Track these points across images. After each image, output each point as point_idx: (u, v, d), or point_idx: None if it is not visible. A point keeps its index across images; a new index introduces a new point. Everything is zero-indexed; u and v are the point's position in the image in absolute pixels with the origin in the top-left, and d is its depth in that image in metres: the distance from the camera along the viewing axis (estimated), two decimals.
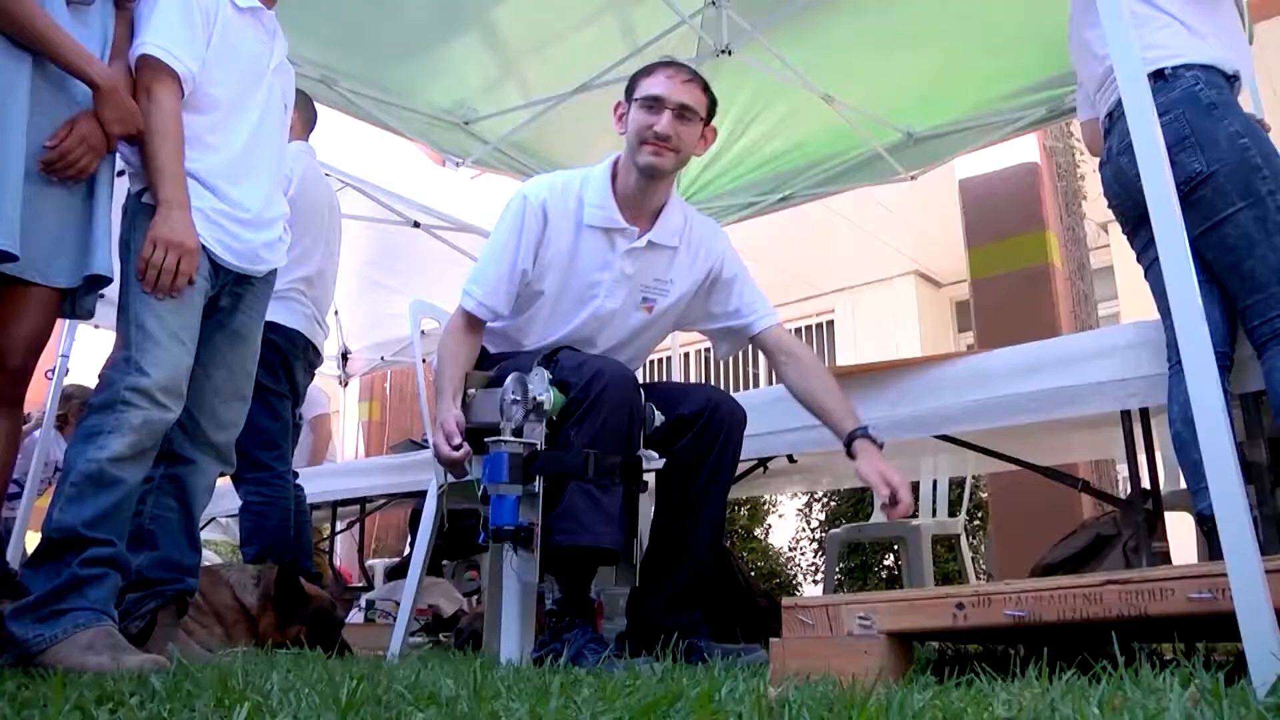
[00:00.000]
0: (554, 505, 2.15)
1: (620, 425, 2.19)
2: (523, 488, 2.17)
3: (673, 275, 2.62)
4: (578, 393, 2.19)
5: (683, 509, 2.40)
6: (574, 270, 2.55)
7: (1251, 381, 2.31)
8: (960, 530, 4.98)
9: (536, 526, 2.14)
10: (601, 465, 2.15)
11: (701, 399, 2.43)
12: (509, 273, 2.51)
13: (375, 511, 5.98)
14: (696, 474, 2.39)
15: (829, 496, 7.19)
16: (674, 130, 2.47)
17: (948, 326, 10.48)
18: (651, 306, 2.62)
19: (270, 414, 3.65)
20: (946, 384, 2.72)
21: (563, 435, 2.19)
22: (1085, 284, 6.42)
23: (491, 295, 2.51)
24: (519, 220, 2.52)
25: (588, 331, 2.58)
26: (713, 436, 2.40)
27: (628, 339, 2.65)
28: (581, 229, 2.54)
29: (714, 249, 2.69)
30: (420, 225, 5.92)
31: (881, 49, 4.40)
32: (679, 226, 2.62)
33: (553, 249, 2.52)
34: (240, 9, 2.48)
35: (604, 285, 2.55)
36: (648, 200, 2.56)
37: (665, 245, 2.59)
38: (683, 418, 2.40)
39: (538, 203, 2.52)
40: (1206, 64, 2.33)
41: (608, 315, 2.58)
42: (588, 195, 2.54)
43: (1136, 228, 2.44)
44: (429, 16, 4.09)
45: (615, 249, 2.55)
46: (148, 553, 2.37)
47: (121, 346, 2.20)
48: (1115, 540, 3.17)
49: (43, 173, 2.09)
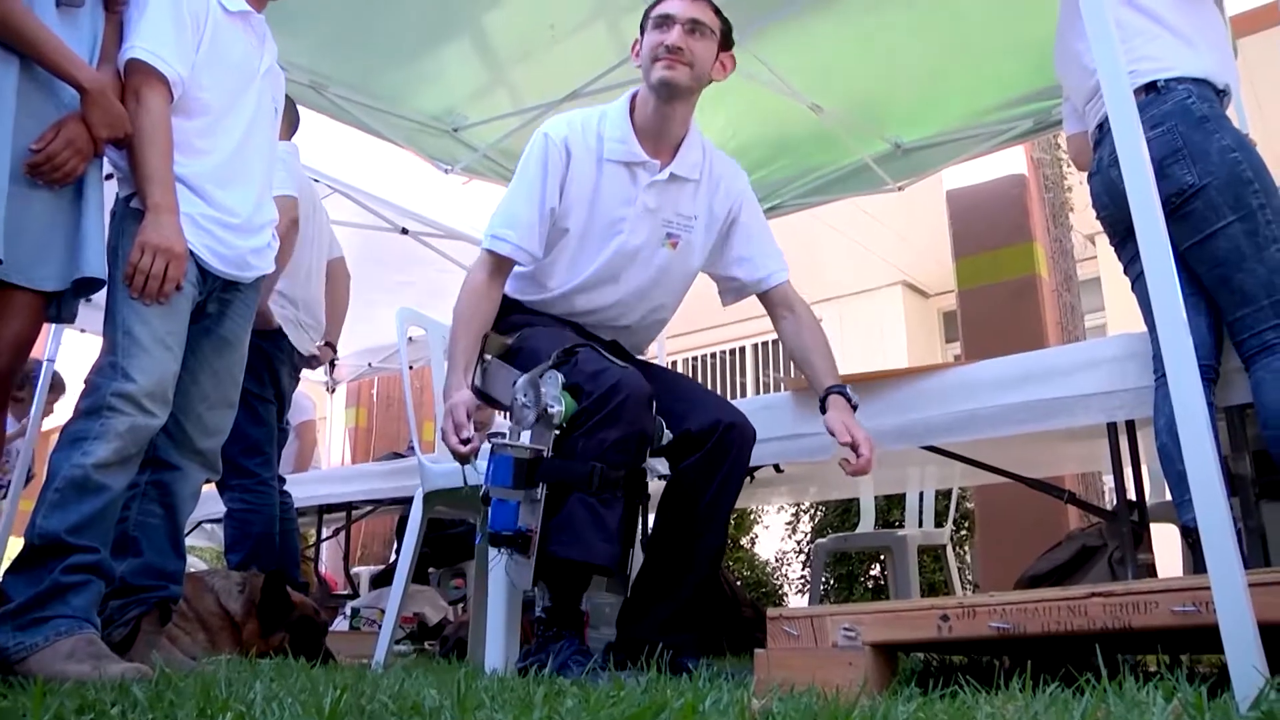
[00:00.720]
0: (554, 512, 2.13)
1: (629, 443, 2.16)
2: (525, 493, 2.14)
3: (696, 211, 2.58)
4: (591, 403, 2.15)
5: (684, 529, 2.36)
6: (597, 207, 2.50)
7: (1237, 394, 2.32)
8: (946, 541, 4.99)
9: (535, 534, 2.11)
10: (606, 478, 2.12)
11: (712, 416, 2.39)
12: (540, 212, 2.47)
13: (362, 518, 5.96)
14: (701, 494, 2.35)
15: (816, 508, 7.19)
16: (685, 43, 2.43)
17: (935, 337, 10.51)
18: (676, 242, 2.57)
19: (255, 420, 3.64)
20: (933, 395, 2.72)
21: (570, 443, 2.15)
22: (1072, 295, 6.45)
23: (527, 237, 2.47)
24: (543, 158, 2.48)
25: (613, 270, 2.53)
26: (720, 458, 2.36)
27: (655, 279, 2.59)
28: (602, 164, 2.50)
29: (735, 188, 2.66)
30: (409, 232, 5.92)
31: (870, 59, 4.41)
32: (699, 160, 2.58)
33: (576, 186, 2.49)
34: (230, 13, 2.47)
35: (628, 220, 2.51)
36: (667, 130, 2.52)
37: (687, 178, 2.55)
38: (690, 435, 2.36)
39: (560, 140, 2.48)
40: (1198, 77, 2.34)
41: (632, 252, 2.53)
42: (607, 130, 2.51)
43: (1125, 240, 2.46)
44: (419, 23, 4.08)
45: (637, 183, 2.51)
46: (131, 559, 2.35)
47: (108, 352, 2.18)
48: (1101, 552, 3.18)
49: (28, 176, 2.08)
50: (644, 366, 2.57)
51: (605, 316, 2.60)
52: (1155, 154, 2.27)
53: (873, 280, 10.20)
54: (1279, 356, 2.15)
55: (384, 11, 3.99)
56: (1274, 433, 2.13)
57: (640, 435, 2.19)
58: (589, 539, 2.10)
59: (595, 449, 2.12)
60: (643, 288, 2.59)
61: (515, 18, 4.09)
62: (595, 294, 2.56)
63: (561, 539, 2.10)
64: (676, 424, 2.35)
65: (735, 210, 2.65)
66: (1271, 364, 2.16)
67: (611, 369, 2.21)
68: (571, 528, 2.10)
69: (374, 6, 3.95)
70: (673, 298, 2.70)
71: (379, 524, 7.93)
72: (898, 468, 3.95)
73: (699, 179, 2.58)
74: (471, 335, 2.40)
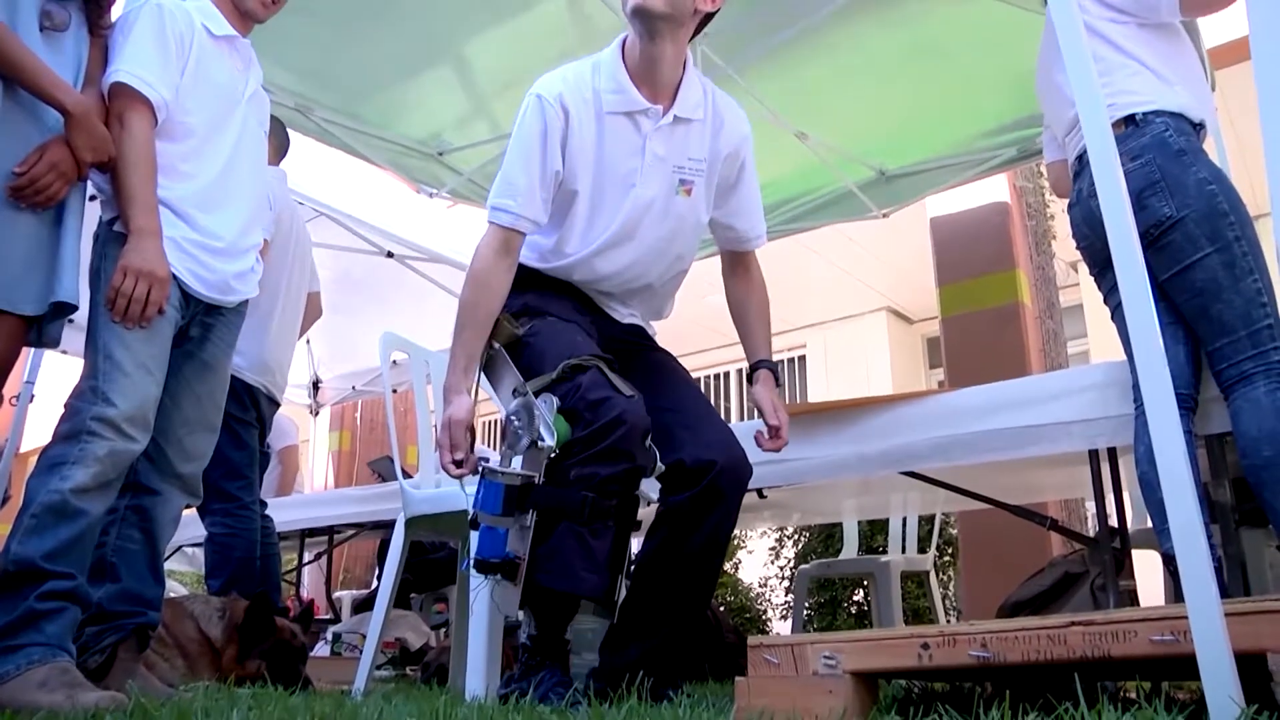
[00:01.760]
0: (543, 539, 2.09)
1: (622, 477, 2.12)
2: (514, 519, 2.10)
3: (704, 153, 2.46)
4: (587, 434, 2.09)
5: (673, 569, 2.28)
6: (605, 163, 2.38)
7: (1216, 423, 2.34)
8: (929, 567, 4.99)
9: (523, 561, 2.08)
10: (598, 508, 2.08)
11: (707, 454, 2.25)
12: (541, 176, 2.33)
13: (344, 542, 5.93)
14: (689, 534, 2.25)
15: (799, 533, 7.19)
16: None
17: (919, 363, 10.54)
18: (690, 188, 2.45)
19: (236, 443, 3.62)
20: (916, 421, 2.73)
21: (562, 470, 2.11)
22: (1054, 322, 6.49)
23: (528, 204, 2.33)
24: (540, 120, 2.34)
25: (630, 226, 2.42)
26: (711, 503, 2.25)
27: (674, 229, 2.48)
28: (603, 118, 2.37)
29: (740, 129, 2.53)
30: (394, 255, 5.92)
31: (854, 88, 4.45)
32: (700, 99, 2.46)
33: (578, 144, 2.36)
34: (215, 37, 2.48)
35: (639, 172, 2.38)
36: (661, 71, 2.37)
37: (690, 119, 2.43)
38: (684, 467, 2.25)
39: (554, 98, 2.34)
40: (1176, 111, 2.38)
41: (648, 203, 2.41)
42: (602, 82, 2.38)
43: (1104, 270, 2.48)
44: (403, 50, 4.11)
45: (641, 131, 2.39)
46: (109, 585, 2.32)
47: (88, 376, 2.17)
48: (1083, 578, 3.18)
49: (10, 199, 2.07)
50: (656, 371, 2.49)
51: (627, 278, 2.50)
52: (1134, 186, 2.30)
53: (857, 306, 10.24)
54: (1256, 386, 2.18)
55: (369, 38, 4.01)
56: (1252, 461, 2.15)
57: (634, 469, 2.15)
58: (577, 569, 2.07)
59: (587, 480, 2.08)
60: (662, 240, 2.48)
61: (495, 50, 4.12)
62: (615, 254, 2.44)
63: (549, 568, 2.07)
64: (672, 449, 2.26)
65: (743, 154, 2.54)
66: (1249, 394, 2.19)
67: (614, 399, 2.13)
68: (560, 557, 2.07)
69: (359, 33, 3.97)
70: (690, 247, 2.58)
71: (361, 548, 7.89)
72: (881, 494, 3.95)
73: (703, 118, 2.46)
74: (476, 326, 2.31)
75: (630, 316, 2.58)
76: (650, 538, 2.31)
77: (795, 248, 7.38)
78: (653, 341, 2.63)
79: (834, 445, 2.72)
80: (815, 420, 2.87)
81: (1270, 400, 2.16)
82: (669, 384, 2.47)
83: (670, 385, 2.46)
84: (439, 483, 3.21)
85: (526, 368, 2.27)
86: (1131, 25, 2.47)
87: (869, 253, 8.91)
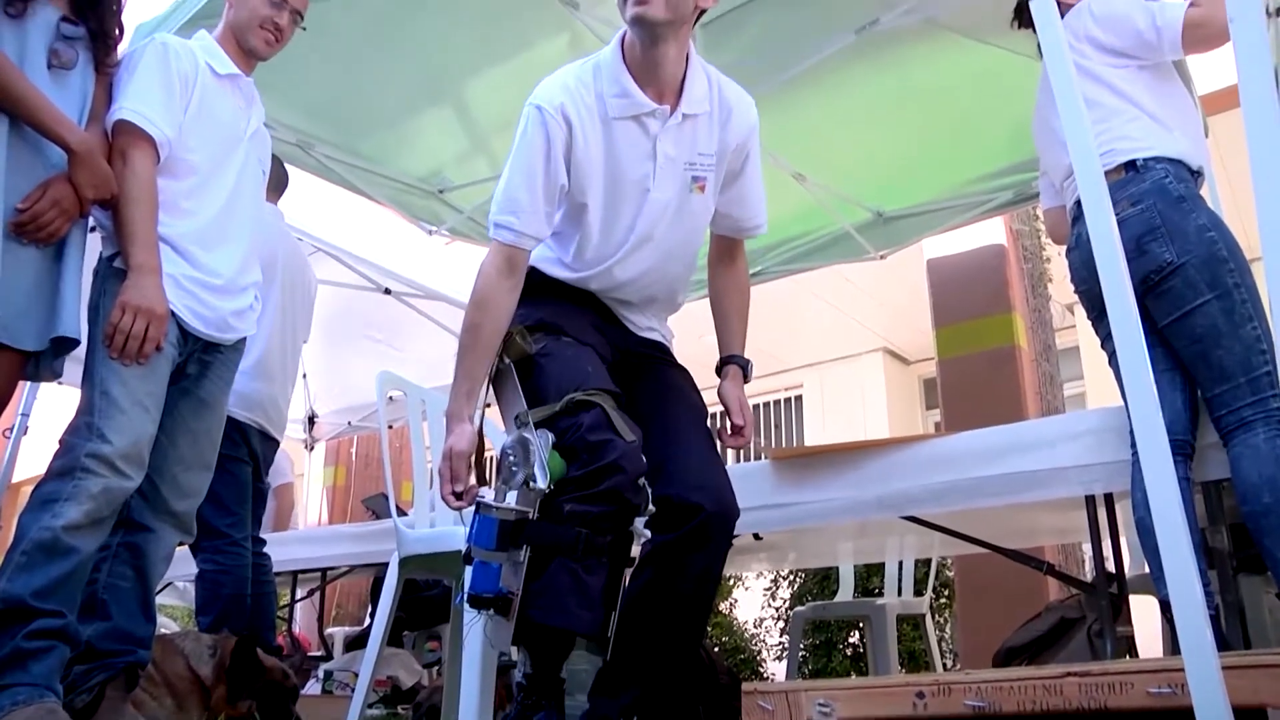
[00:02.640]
0: (536, 575, 2.05)
1: (615, 514, 2.09)
2: (507, 554, 2.07)
3: (713, 146, 2.38)
4: (582, 475, 2.07)
5: (662, 608, 2.23)
6: (616, 170, 2.31)
7: (1214, 469, 2.34)
8: (926, 610, 4.97)
9: (516, 597, 2.05)
10: (591, 544, 2.05)
11: (694, 496, 2.20)
12: (545, 192, 2.26)
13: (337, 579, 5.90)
14: (678, 575, 2.21)
15: (795, 574, 7.15)
16: None
17: (916, 403, 10.54)
18: (704, 185, 2.38)
19: (226, 480, 3.57)
20: (912, 465, 2.72)
21: (556, 506, 2.07)
22: (1051, 365, 6.50)
23: (531, 221, 2.25)
24: (542, 132, 2.24)
25: (648, 230, 2.36)
26: (700, 544, 2.21)
27: (691, 227, 2.43)
28: (610, 124, 2.29)
29: (748, 119, 2.45)
30: (391, 292, 5.93)
31: (852, 130, 4.49)
32: (706, 90, 2.38)
33: (585, 155, 2.28)
34: (219, 75, 2.50)
35: (652, 176, 2.31)
36: (664, 69, 2.27)
37: (698, 113, 2.35)
38: (671, 503, 2.20)
39: (555, 109, 2.25)
40: (1175, 158, 2.41)
41: (664, 205, 2.35)
42: (605, 86, 2.29)
43: (1102, 315, 2.48)
44: (404, 88, 4.14)
45: (650, 133, 2.30)
46: (99, 622, 2.30)
47: (84, 412, 2.17)
48: (1080, 624, 3.17)
49: (13, 235, 2.08)
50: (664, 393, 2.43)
51: (646, 283, 2.44)
52: (1135, 231, 2.32)
53: (854, 346, 10.24)
54: (1256, 433, 2.18)
55: (371, 75, 4.04)
56: (1252, 508, 2.15)
57: (628, 508, 2.12)
58: (571, 606, 2.04)
59: (581, 517, 2.05)
60: (679, 242, 2.42)
61: (496, 88, 4.15)
62: (634, 260, 2.38)
63: (542, 604, 2.04)
64: (663, 483, 2.21)
65: (749, 144, 2.47)
66: (1249, 440, 2.19)
67: (613, 443, 2.09)
68: (553, 593, 2.04)
69: (361, 70, 4.00)
70: (701, 238, 2.53)
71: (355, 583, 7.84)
72: (877, 536, 3.94)
73: (710, 109, 2.38)
74: (479, 349, 2.25)
75: (649, 330, 2.52)
76: (636, 577, 2.27)
77: (793, 288, 7.40)
78: (669, 356, 2.56)
79: (830, 489, 2.71)
80: (812, 464, 2.86)
81: (1270, 447, 2.16)
82: (672, 410, 2.41)
83: (673, 412, 2.40)
84: (434, 521, 3.20)
85: (532, 392, 2.23)
86: (1131, 68, 2.49)
87: (866, 293, 8.93)
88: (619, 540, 2.16)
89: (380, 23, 3.84)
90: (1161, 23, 2.43)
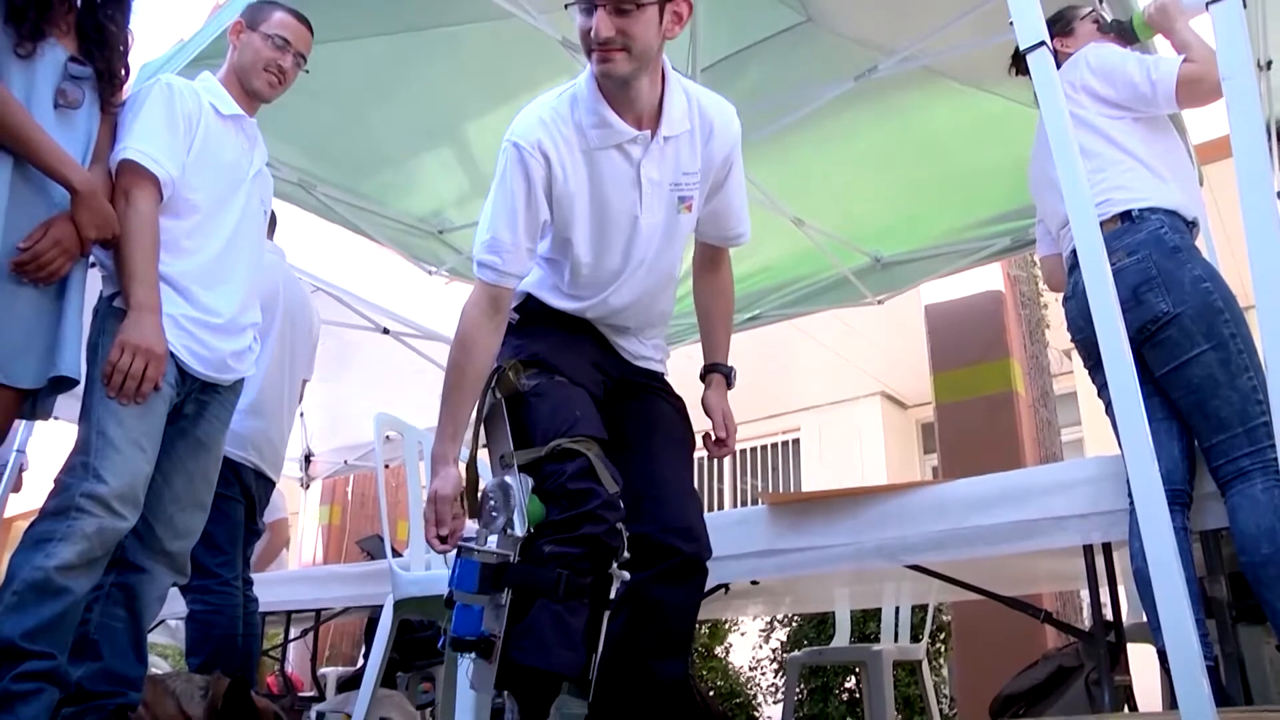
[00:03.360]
0: (518, 617, 2.06)
1: (593, 557, 2.09)
2: (489, 597, 2.07)
3: (696, 164, 2.35)
4: (562, 520, 2.07)
5: (642, 646, 2.23)
6: (601, 201, 2.28)
7: (1212, 519, 2.33)
8: (922, 656, 4.93)
9: (499, 639, 2.05)
10: (572, 585, 2.05)
11: (670, 537, 2.21)
12: (526, 229, 2.23)
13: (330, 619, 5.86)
14: (654, 617, 2.22)
15: (791, 618, 7.11)
16: (612, 28, 2.11)
17: (913, 448, 10.52)
18: (690, 203, 2.35)
19: (218, 519, 3.53)
20: (909, 513, 2.71)
21: (536, 549, 2.08)
22: (1049, 410, 6.50)
23: (513, 259, 2.23)
24: (521, 170, 2.22)
25: (641, 257, 2.34)
26: (672, 587, 2.22)
27: (679, 249, 2.42)
28: (591, 155, 2.26)
29: (729, 134, 2.40)
30: (390, 332, 5.94)
31: (851, 176, 4.52)
32: (686, 108, 2.33)
33: (566, 189, 2.25)
34: (223, 116, 2.52)
35: (639, 203, 2.28)
36: (640, 97, 2.24)
37: (679, 133, 2.31)
38: (646, 541, 2.21)
39: (533, 145, 2.22)
40: (1170, 209, 2.43)
41: (654, 230, 2.33)
42: (582, 118, 2.25)
43: (1099, 364, 2.48)
44: (407, 129, 4.18)
45: (633, 160, 2.27)
46: (90, 663, 2.28)
47: (79, 451, 2.16)
48: (1078, 672, 3.15)
49: (14, 273, 2.08)
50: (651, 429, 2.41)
51: (641, 306, 2.43)
52: (1131, 281, 2.33)
53: (851, 390, 10.24)
54: (1254, 483, 2.18)
55: (373, 117, 4.07)
56: (1251, 559, 2.14)
57: (606, 550, 2.12)
58: (552, 646, 2.04)
59: (561, 559, 2.06)
60: (671, 263, 2.42)
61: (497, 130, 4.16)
62: (629, 286, 2.37)
63: (524, 645, 2.04)
64: (638, 522, 2.21)
65: (733, 156, 2.43)
66: (1247, 490, 2.19)
67: (595, 491, 2.09)
68: (535, 635, 2.04)
69: (363, 112, 4.04)
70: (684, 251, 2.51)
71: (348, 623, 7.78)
72: (874, 582, 3.91)
73: (691, 127, 2.34)
74: (462, 390, 2.24)
75: (644, 359, 2.50)
76: (614, 618, 2.25)
77: (790, 332, 7.41)
78: (664, 386, 2.52)
79: (828, 536, 2.70)
80: (809, 510, 2.85)
81: (1268, 497, 2.15)
82: (656, 444, 2.39)
83: (656, 446, 2.39)
84: (429, 563, 3.19)
85: (520, 431, 2.22)
86: (1127, 120, 2.52)
87: (864, 337, 8.95)
88: (598, 582, 2.15)
89: (383, 65, 3.89)
90: (1156, 76, 2.46)
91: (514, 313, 2.38)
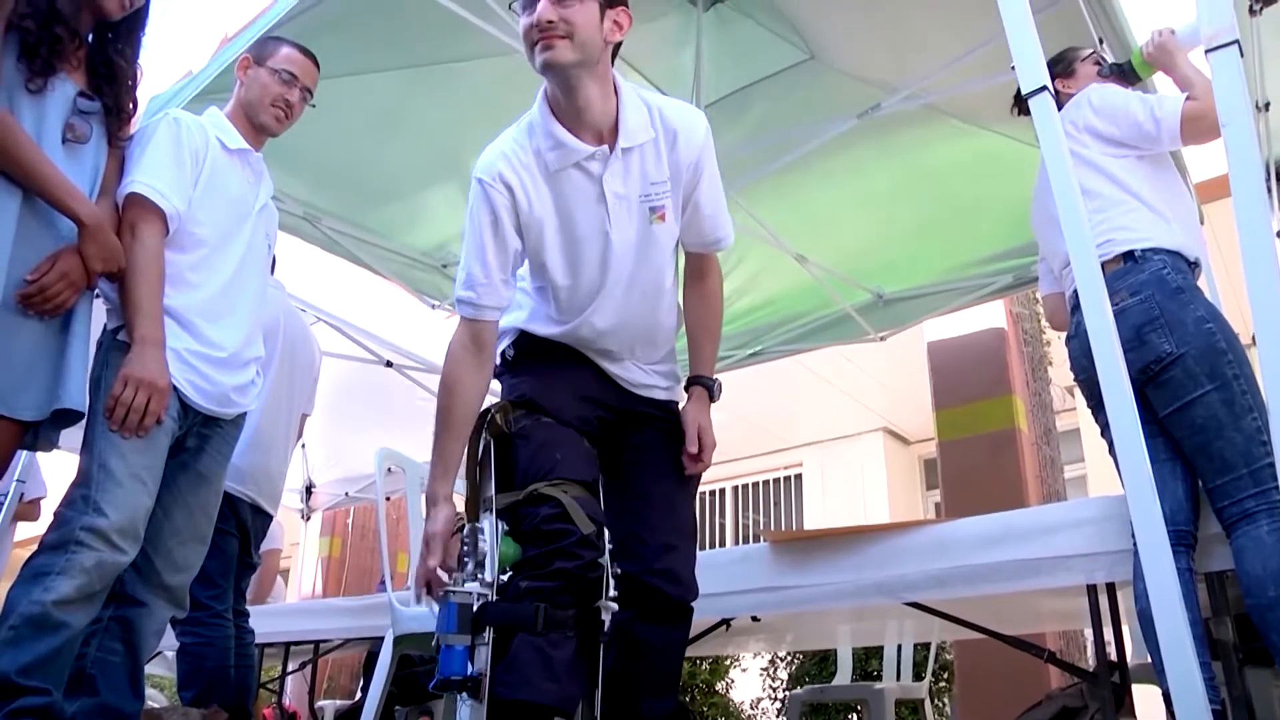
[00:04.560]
0: (501, 653, 2.06)
1: (570, 590, 2.10)
2: (473, 637, 2.09)
3: (664, 173, 2.33)
4: (537, 555, 2.09)
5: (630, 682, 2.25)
6: (569, 222, 2.29)
7: (1217, 560, 2.31)
8: (925, 695, 4.89)
9: (485, 677, 2.06)
10: (552, 618, 2.05)
11: (655, 579, 2.23)
12: (498, 261, 2.26)
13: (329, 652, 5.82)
14: (645, 649, 2.24)
15: (793, 655, 7.06)
16: (555, 14, 2.14)
17: (916, 484, 10.49)
18: (663, 213, 2.33)
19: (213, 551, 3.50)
20: (912, 551, 2.70)
21: (513, 586, 2.10)
22: (1051, 448, 6.48)
23: (489, 293, 2.27)
24: (485, 204, 2.26)
25: (619, 274, 2.33)
26: (659, 626, 2.24)
27: (662, 260, 2.38)
28: (554, 178, 2.27)
29: (695, 137, 2.36)
30: (392, 365, 5.94)
31: (853, 213, 4.54)
32: (646, 118, 2.32)
33: (533, 215, 2.27)
34: (229, 150, 2.54)
35: (608, 219, 2.28)
36: (592, 109, 2.24)
37: (641, 143, 2.30)
38: (632, 580, 2.23)
39: (494, 178, 2.26)
40: (1173, 249, 2.43)
41: (626, 245, 2.30)
42: (540, 142, 2.27)
43: (1102, 404, 2.47)
44: (409, 164, 4.20)
45: (594, 176, 2.26)
46: (86, 698, 2.26)
47: (80, 484, 2.16)
48: (1082, 713, 3.11)
49: (19, 306, 2.08)
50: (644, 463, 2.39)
51: (627, 325, 2.40)
52: (1134, 320, 2.33)
53: (854, 426, 10.23)
54: (1260, 525, 2.16)
55: (378, 151, 4.10)
56: (1257, 601, 2.12)
57: (583, 584, 2.13)
58: (535, 680, 2.03)
59: (537, 593, 2.07)
60: (651, 275, 2.38)
61: None
62: (609, 305, 2.35)
63: (506, 679, 2.04)
64: (626, 559, 2.25)
65: (703, 160, 2.38)
66: (1252, 531, 2.17)
67: (569, 532, 2.10)
68: (518, 669, 2.04)
69: (369, 147, 4.06)
70: (673, 264, 2.48)
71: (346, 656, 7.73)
72: (876, 620, 3.89)
73: (654, 135, 2.33)
74: (451, 431, 2.25)
75: (647, 388, 2.45)
76: (606, 655, 2.28)
77: (793, 367, 7.41)
78: (669, 417, 2.46)
79: (830, 574, 2.68)
80: (811, 547, 2.84)
81: (1274, 539, 2.13)
82: (648, 481, 2.38)
83: (647, 484, 2.38)
84: None
85: (504, 473, 2.24)
86: (1130, 158, 2.53)
87: (866, 373, 8.95)
88: (586, 617, 2.16)
89: (389, 100, 3.91)
90: (1160, 114, 2.47)
91: (510, 348, 2.41)
